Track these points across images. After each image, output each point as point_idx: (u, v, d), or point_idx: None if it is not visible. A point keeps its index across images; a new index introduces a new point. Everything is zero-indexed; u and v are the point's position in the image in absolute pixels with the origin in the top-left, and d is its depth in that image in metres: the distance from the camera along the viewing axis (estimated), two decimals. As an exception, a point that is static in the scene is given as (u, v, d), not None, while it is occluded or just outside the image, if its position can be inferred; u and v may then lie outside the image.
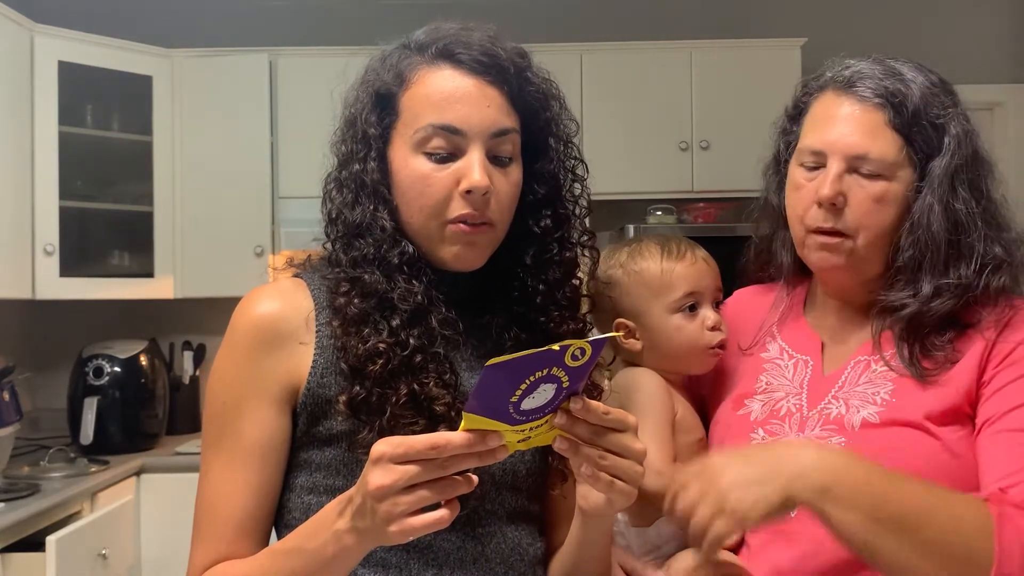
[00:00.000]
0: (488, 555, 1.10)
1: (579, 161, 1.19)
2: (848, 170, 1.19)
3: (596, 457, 0.92)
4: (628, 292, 1.36)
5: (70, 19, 3.37)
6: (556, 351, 0.83)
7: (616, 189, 3.52)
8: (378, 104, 1.11)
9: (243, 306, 1.11)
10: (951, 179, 1.18)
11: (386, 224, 1.09)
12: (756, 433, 1.26)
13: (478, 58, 1.07)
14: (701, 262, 1.36)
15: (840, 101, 1.22)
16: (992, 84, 3.96)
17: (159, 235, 3.50)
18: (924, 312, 1.18)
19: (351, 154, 1.12)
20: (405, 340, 1.06)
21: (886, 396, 1.19)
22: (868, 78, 1.21)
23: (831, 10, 3.87)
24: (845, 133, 1.19)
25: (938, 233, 1.17)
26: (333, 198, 1.14)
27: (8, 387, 2.77)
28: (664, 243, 1.38)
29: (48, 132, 3.20)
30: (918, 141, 1.19)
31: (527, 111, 1.12)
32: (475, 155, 1.06)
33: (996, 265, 1.18)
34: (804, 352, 1.30)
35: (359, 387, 1.05)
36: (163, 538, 3.08)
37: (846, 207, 1.19)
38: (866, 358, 1.24)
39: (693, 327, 1.34)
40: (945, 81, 1.24)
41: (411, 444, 0.86)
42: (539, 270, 1.15)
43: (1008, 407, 1.12)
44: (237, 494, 1.08)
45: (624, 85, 3.57)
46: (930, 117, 1.19)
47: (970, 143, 1.21)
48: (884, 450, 1.13)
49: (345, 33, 3.72)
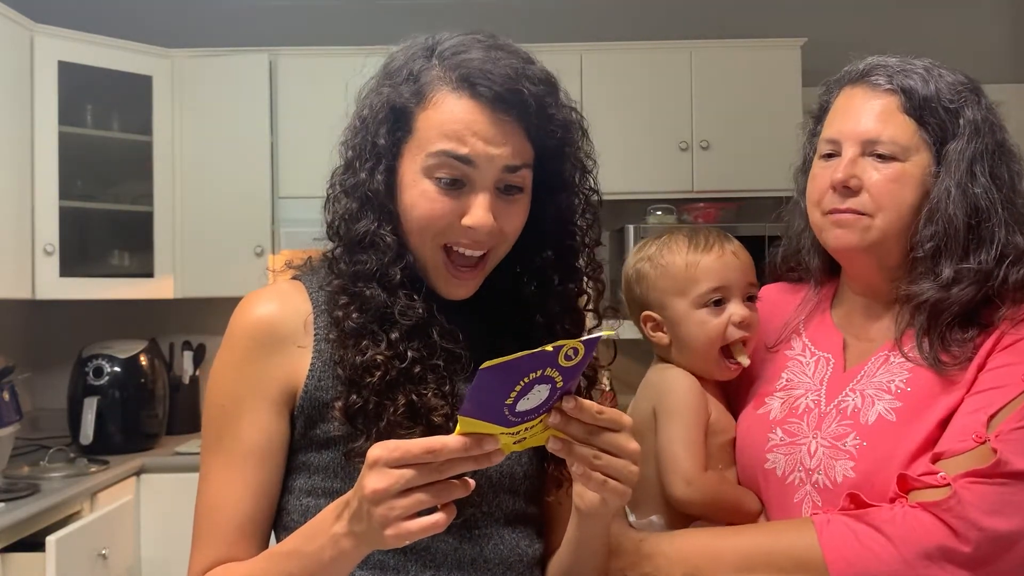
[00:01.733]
0: (486, 557, 1.10)
1: (594, 192, 1.18)
2: (863, 154, 1.20)
3: (590, 457, 0.92)
4: (654, 286, 1.35)
5: (70, 19, 3.37)
6: (550, 352, 0.83)
7: (616, 189, 3.49)
8: (392, 116, 1.09)
9: (241, 309, 1.11)
10: (969, 163, 1.18)
11: (389, 240, 1.08)
12: (775, 433, 1.26)
13: (500, 93, 1.04)
14: (729, 255, 1.33)
15: (854, 92, 1.24)
16: (992, 84, 3.93)
17: (159, 235, 3.50)
18: (944, 299, 1.17)
19: (360, 160, 1.10)
20: (403, 352, 1.05)
21: (901, 384, 1.19)
22: (881, 67, 1.23)
23: (831, 10, 3.87)
24: (858, 119, 1.21)
25: (956, 216, 1.16)
26: (338, 204, 1.12)
27: (8, 387, 2.77)
28: (692, 236, 1.35)
29: (48, 132, 3.20)
30: (932, 125, 1.20)
31: (544, 144, 1.10)
32: (483, 193, 1.06)
33: (1017, 256, 1.17)
34: (826, 350, 1.30)
35: (356, 396, 1.04)
36: (163, 538, 3.08)
37: (862, 190, 1.20)
38: (887, 353, 1.24)
39: (718, 322, 1.31)
40: (971, 79, 1.26)
41: (407, 448, 0.86)
42: (540, 299, 1.15)
43: (979, 388, 1.13)
44: (236, 496, 1.08)
45: (624, 85, 3.57)
46: (943, 102, 1.20)
47: (991, 132, 1.21)
48: (897, 446, 1.15)
49: (345, 33, 3.73)
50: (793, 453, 1.24)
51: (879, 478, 1.14)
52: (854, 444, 1.18)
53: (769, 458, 1.26)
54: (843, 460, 1.18)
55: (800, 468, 1.22)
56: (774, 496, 1.25)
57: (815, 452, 1.21)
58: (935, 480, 1.08)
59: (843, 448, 1.19)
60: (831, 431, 1.21)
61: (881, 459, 1.15)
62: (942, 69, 1.24)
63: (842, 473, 1.18)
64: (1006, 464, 1.06)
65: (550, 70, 1.12)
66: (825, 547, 1.10)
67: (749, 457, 1.30)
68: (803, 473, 1.22)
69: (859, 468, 1.17)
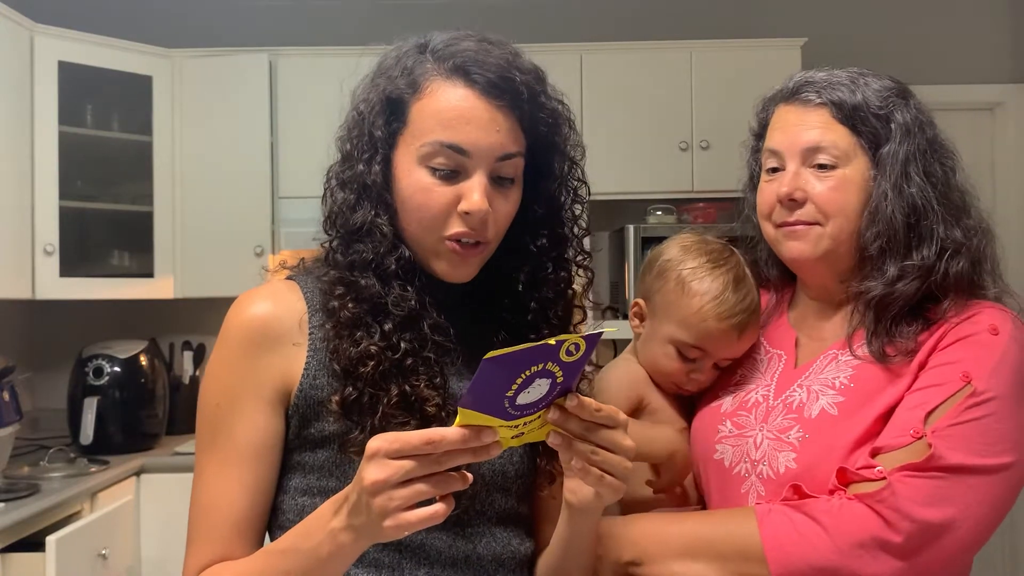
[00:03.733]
0: (479, 554, 1.11)
1: (582, 183, 1.20)
2: (804, 165, 1.26)
3: (588, 453, 0.93)
4: (662, 292, 1.36)
5: (70, 19, 3.38)
6: (552, 346, 0.83)
7: (616, 189, 3.52)
8: (388, 107, 1.11)
9: (236, 308, 1.12)
10: (903, 164, 1.24)
11: (385, 229, 1.09)
12: (724, 425, 1.32)
13: (493, 80, 1.06)
14: (733, 333, 1.32)
15: (788, 109, 1.31)
16: (992, 84, 3.96)
17: (159, 235, 3.50)
18: (890, 294, 1.22)
19: (356, 153, 1.12)
20: (396, 344, 1.06)
21: (845, 380, 1.24)
22: (809, 84, 1.30)
23: (831, 10, 3.88)
24: (797, 133, 1.28)
25: (895, 217, 1.22)
26: (335, 196, 1.14)
27: (8, 387, 2.77)
28: (729, 287, 1.32)
29: (48, 132, 3.20)
30: (864, 131, 1.25)
31: (536, 134, 1.12)
32: (478, 179, 1.07)
33: (955, 249, 1.22)
34: (779, 347, 1.35)
35: (351, 388, 1.05)
36: (163, 538, 3.08)
37: (808, 201, 1.26)
38: (836, 352, 1.28)
39: (679, 368, 1.36)
40: (897, 82, 1.30)
41: (406, 439, 0.86)
42: (532, 288, 1.16)
43: (918, 386, 1.18)
44: (231, 495, 1.09)
45: (624, 85, 3.57)
46: (872, 108, 1.25)
47: (922, 131, 1.26)
48: (837, 439, 1.20)
49: (346, 33, 3.72)
50: (740, 445, 1.29)
51: (820, 470, 1.19)
52: (797, 436, 1.23)
53: (718, 449, 1.31)
54: (786, 452, 1.23)
55: (746, 459, 1.27)
56: (722, 486, 1.30)
57: (760, 444, 1.26)
58: (872, 474, 1.13)
59: (786, 440, 1.24)
60: (776, 424, 1.26)
61: (822, 451, 1.20)
62: (868, 77, 1.29)
63: (785, 464, 1.22)
64: (940, 458, 1.11)
65: (545, 69, 1.14)
66: (764, 535, 1.15)
67: (700, 448, 1.35)
68: (749, 464, 1.27)
69: (801, 460, 1.21)
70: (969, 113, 3.94)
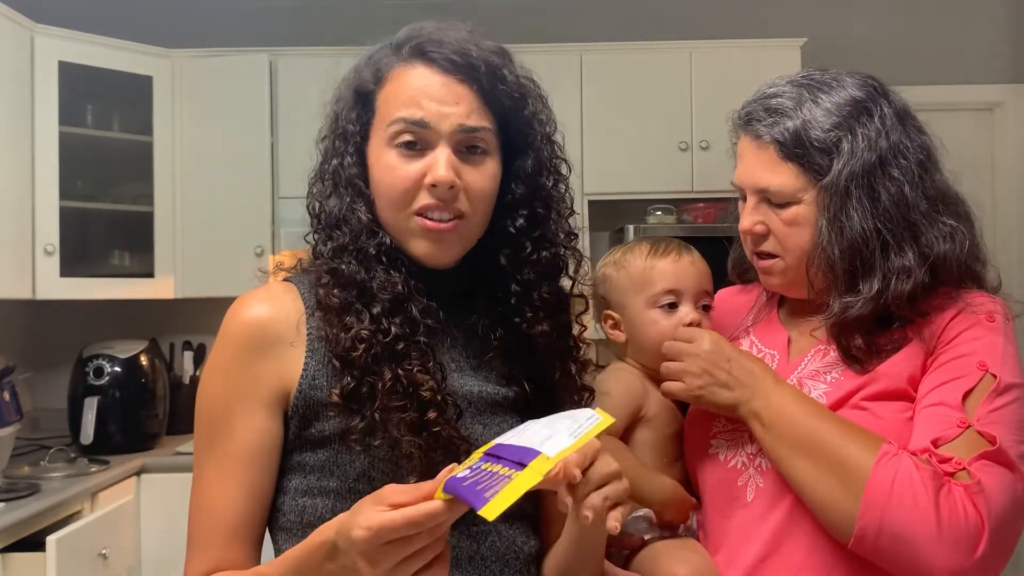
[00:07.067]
0: (484, 553, 1.11)
1: (562, 160, 1.20)
2: (762, 200, 1.27)
3: (598, 502, 0.95)
4: (615, 286, 1.41)
5: (70, 19, 3.37)
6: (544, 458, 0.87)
7: (616, 189, 3.52)
8: (358, 102, 1.15)
9: (233, 310, 1.12)
10: (842, 197, 1.20)
11: (363, 216, 1.12)
12: (718, 420, 1.31)
13: (449, 56, 1.10)
14: (686, 262, 1.39)
15: (745, 141, 1.30)
16: (992, 84, 3.96)
17: (159, 235, 3.51)
18: (841, 322, 1.23)
19: (332, 150, 1.16)
20: (387, 328, 1.08)
21: (837, 376, 1.24)
22: (755, 117, 1.27)
23: (831, 10, 3.88)
24: (751, 172, 1.27)
25: (833, 255, 1.21)
26: (314, 192, 1.17)
27: (8, 387, 2.77)
28: (654, 243, 1.42)
29: (48, 132, 3.20)
30: (809, 165, 1.22)
31: (503, 110, 1.13)
32: (441, 150, 1.09)
33: (902, 273, 1.20)
34: (772, 347, 1.36)
35: (349, 377, 1.06)
36: (163, 538, 3.08)
37: (769, 234, 1.27)
38: (824, 347, 1.29)
39: (668, 323, 1.36)
40: (870, 86, 1.25)
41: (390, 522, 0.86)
42: (514, 269, 1.16)
43: (934, 384, 1.18)
44: (229, 498, 1.09)
45: (624, 85, 3.57)
46: (814, 141, 1.22)
47: (878, 145, 1.21)
48: None
49: (345, 33, 3.71)
50: (735, 439, 1.28)
51: None
52: None
53: (713, 444, 1.31)
54: None
55: (742, 452, 1.27)
56: (718, 481, 1.29)
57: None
58: (951, 466, 1.10)
59: None
60: None
61: None
62: (820, 93, 1.24)
63: None
64: (1007, 450, 1.10)
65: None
66: (873, 479, 1.10)
67: (694, 444, 1.35)
68: (745, 457, 1.27)
69: None
70: (969, 113, 3.94)
